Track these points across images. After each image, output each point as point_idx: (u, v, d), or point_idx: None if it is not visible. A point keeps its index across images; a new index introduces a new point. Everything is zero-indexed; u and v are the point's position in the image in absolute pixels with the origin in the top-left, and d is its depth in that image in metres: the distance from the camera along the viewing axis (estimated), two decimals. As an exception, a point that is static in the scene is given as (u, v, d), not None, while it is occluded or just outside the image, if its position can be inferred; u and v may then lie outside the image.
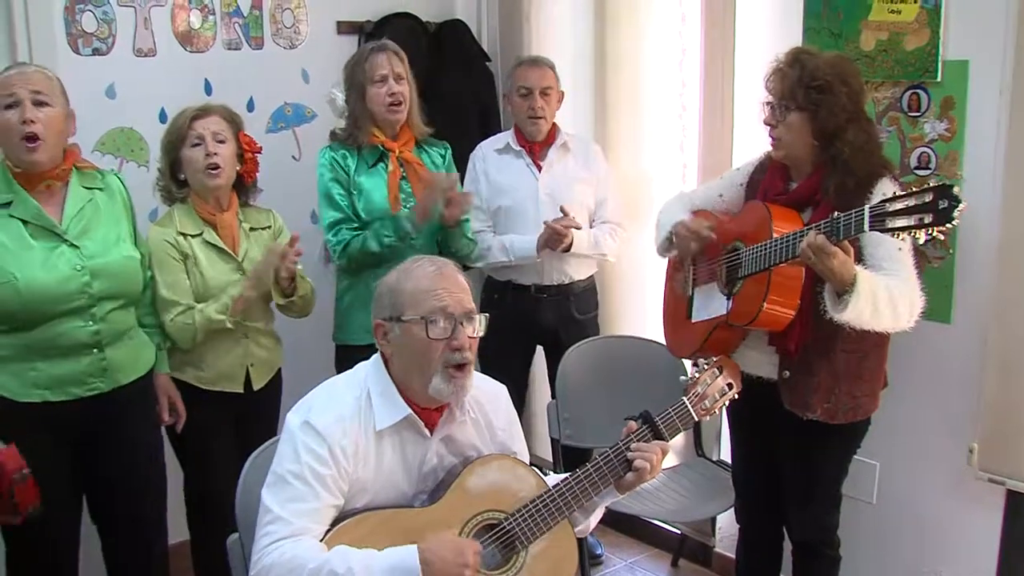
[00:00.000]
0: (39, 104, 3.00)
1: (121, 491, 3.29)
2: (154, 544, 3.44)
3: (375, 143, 3.76)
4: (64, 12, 3.83)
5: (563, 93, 4.14)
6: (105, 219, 3.18)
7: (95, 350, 3.11)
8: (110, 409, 3.17)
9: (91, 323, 3.08)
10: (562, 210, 3.93)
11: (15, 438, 2.98)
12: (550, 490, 2.48)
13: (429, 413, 2.47)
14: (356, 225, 3.73)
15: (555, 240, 3.93)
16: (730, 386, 2.76)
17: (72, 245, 3.06)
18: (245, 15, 4.24)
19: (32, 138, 2.97)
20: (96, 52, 3.91)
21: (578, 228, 3.94)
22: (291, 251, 3.37)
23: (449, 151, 3.95)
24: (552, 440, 3.88)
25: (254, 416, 3.54)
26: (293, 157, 4.28)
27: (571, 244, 3.95)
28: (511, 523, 2.43)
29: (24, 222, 3.03)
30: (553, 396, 3.92)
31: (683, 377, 2.80)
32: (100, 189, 3.22)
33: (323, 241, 3.83)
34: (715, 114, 3.85)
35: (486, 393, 2.60)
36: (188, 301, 3.34)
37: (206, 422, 3.46)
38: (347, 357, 3.78)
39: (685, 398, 2.68)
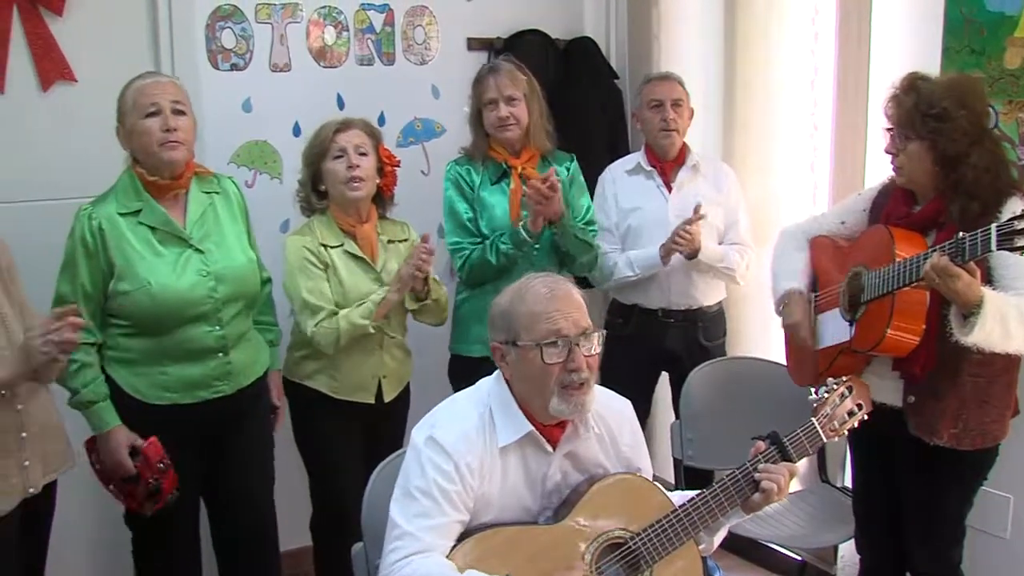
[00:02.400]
0: (177, 113, 3.10)
1: (237, 491, 3.38)
2: (268, 544, 3.51)
3: (497, 159, 3.78)
4: (205, 29, 3.97)
5: (692, 110, 4.10)
6: (224, 223, 3.27)
7: (220, 354, 3.19)
8: (231, 411, 3.26)
9: (217, 328, 3.17)
10: (695, 209, 3.85)
11: (143, 436, 3.10)
12: (676, 509, 2.46)
13: (551, 429, 2.46)
14: (478, 240, 3.75)
15: (680, 242, 3.86)
16: (859, 407, 2.71)
17: (197, 250, 3.15)
18: (378, 31, 4.32)
19: (173, 143, 3.07)
20: (234, 67, 4.03)
21: (702, 218, 3.85)
22: (423, 248, 3.37)
23: (575, 162, 3.93)
24: (675, 460, 3.84)
25: (383, 428, 3.58)
26: (422, 172, 4.34)
27: (698, 250, 3.89)
28: (637, 542, 2.41)
29: (152, 229, 3.12)
30: (676, 418, 3.89)
31: (812, 396, 2.75)
32: (217, 193, 3.31)
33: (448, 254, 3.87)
34: (848, 134, 3.77)
35: (611, 408, 2.58)
36: (331, 307, 3.39)
37: (336, 431, 3.51)
38: (461, 367, 3.83)
39: (814, 419, 2.63)
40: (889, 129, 2.94)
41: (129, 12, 3.83)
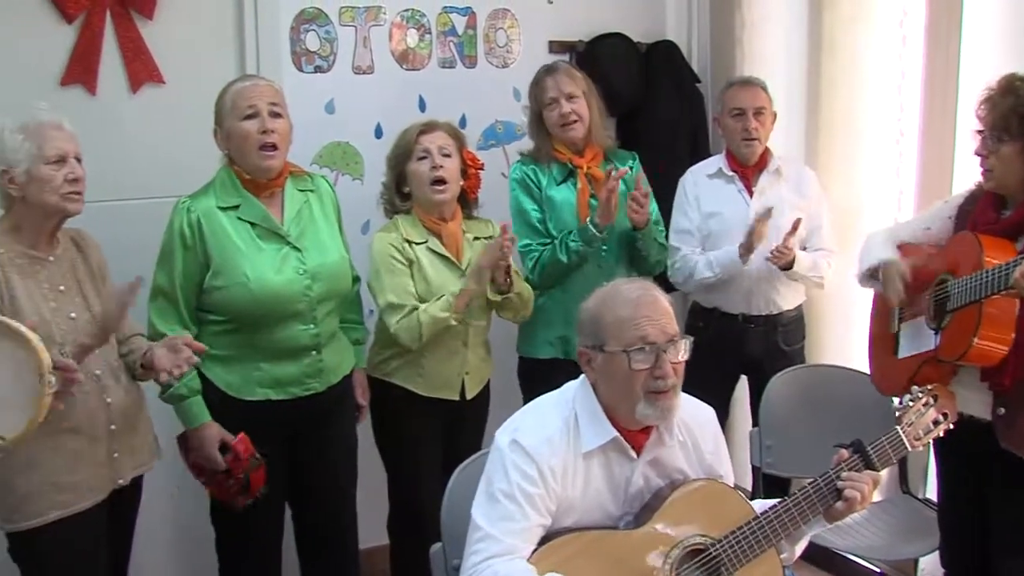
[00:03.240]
0: (274, 115, 3.15)
1: (321, 488, 3.41)
2: (349, 542, 3.54)
3: (562, 159, 3.78)
4: (290, 32, 4.02)
5: (776, 114, 4.06)
6: (319, 221, 3.31)
7: (314, 352, 3.23)
8: (320, 408, 3.29)
9: (312, 326, 3.20)
10: (794, 224, 3.80)
11: (234, 432, 3.15)
12: (758, 516, 2.44)
13: (636, 435, 2.46)
14: (547, 241, 3.75)
15: (777, 257, 3.81)
16: (944, 416, 2.66)
17: (295, 248, 3.19)
18: (460, 34, 4.34)
19: (271, 147, 3.11)
20: (318, 69, 4.08)
21: (768, 218, 3.80)
22: (504, 239, 3.36)
23: (637, 160, 3.93)
24: (753, 468, 3.81)
25: (464, 425, 3.59)
26: (502, 174, 4.33)
27: (793, 260, 3.84)
28: (718, 549, 2.39)
29: (252, 224, 3.16)
30: (755, 424, 3.85)
31: (895, 405, 2.71)
32: (312, 191, 3.34)
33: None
34: (935, 140, 3.71)
35: (694, 416, 2.57)
36: (413, 303, 3.40)
37: (420, 429, 3.53)
38: (529, 369, 3.84)
39: (898, 427, 2.60)
40: (980, 131, 2.89)
41: (216, 15, 3.89)
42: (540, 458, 2.35)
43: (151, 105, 3.77)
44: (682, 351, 2.41)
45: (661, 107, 4.62)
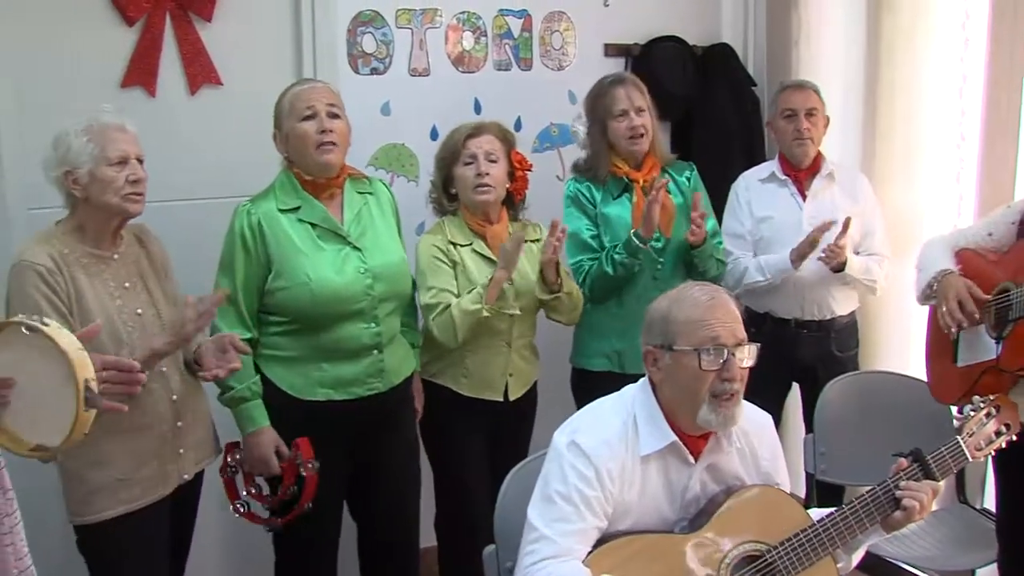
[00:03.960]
0: (332, 116, 3.17)
1: (384, 490, 3.41)
2: (411, 543, 3.54)
3: (619, 174, 3.76)
4: (347, 34, 4.04)
5: (828, 118, 4.03)
6: (378, 222, 3.32)
7: (375, 351, 3.24)
8: (382, 409, 3.30)
9: (373, 325, 3.21)
10: (845, 223, 3.78)
11: (297, 434, 3.16)
12: (815, 524, 2.42)
13: (694, 440, 2.45)
14: (598, 257, 3.73)
15: (828, 257, 3.80)
16: (1007, 426, 2.63)
17: (355, 248, 3.20)
18: (515, 37, 4.35)
19: (330, 144, 3.14)
20: (374, 71, 4.10)
21: (827, 229, 3.78)
22: (552, 238, 3.35)
23: (695, 171, 3.90)
24: (807, 475, 3.77)
25: (508, 427, 3.58)
26: (557, 177, 4.35)
27: (844, 263, 3.82)
28: (774, 555, 2.37)
29: (313, 225, 3.19)
30: (808, 431, 3.82)
31: (955, 415, 2.68)
32: (370, 194, 3.36)
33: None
34: (998, 145, 3.66)
35: (752, 422, 2.55)
36: (448, 300, 3.40)
37: (465, 430, 3.53)
38: (583, 380, 3.82)
39: (959, 437, 2.56)
40: None
41: (274, 17, 3.92)
42: (598, 460, 2.35)
43: (209, 106, 3.81)
44: (749, 356, 2.40)
45: (716, 111, 4.61)
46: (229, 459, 3.25)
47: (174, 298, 3.01)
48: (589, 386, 3.68)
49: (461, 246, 3.47)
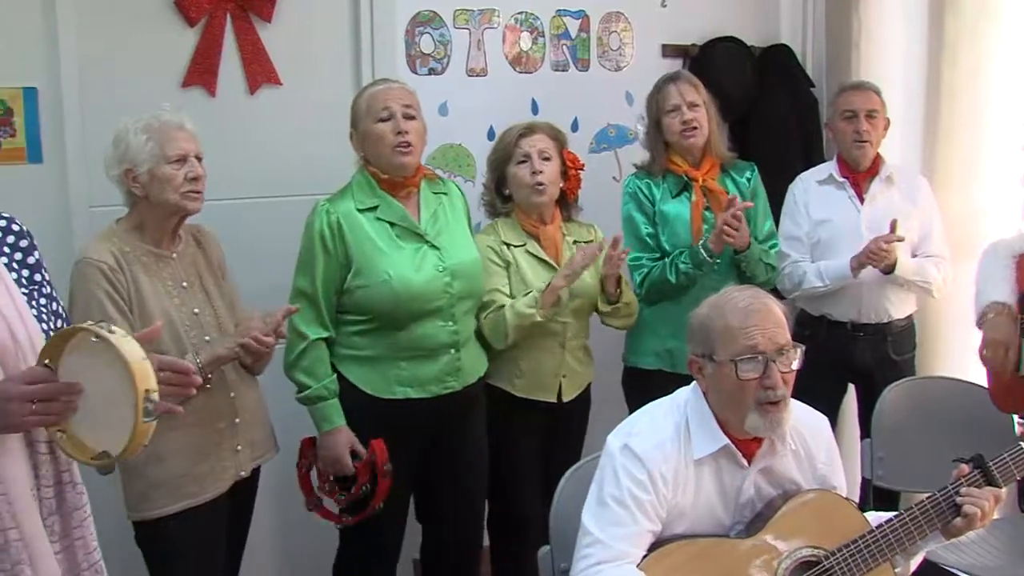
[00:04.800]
0: (408, 117, 3.20)
1: (452, 489, 3.42)
2: (475, 542, 3.54)
3: (677, 172, 3.74)
4: (405, 34, 4.06)
5: (889, 120, 3.99)
6: (452, 222, 3.34)
7: (452, 350, 3.25)
8: (456, 408, 3.31)
9: (451, 323, 3.23)
10: (892, 225, 3.75)
11: (372, 432, 3.18)
12: (874, 530, 2.40)
13: (747, 443, 2.43)
14: (657, 255, 3.72)
15: (875, 257, 3.76)
16: (1073, 435, 2.59)
17: (433, 246, 3.23)
18: (573, 37, 4.34)
19: (405, 145, 3.16)
20: (432, 72, 4.11)
21: (900, 240, 3.75)
22: (616, 253, 3.37)
23: (755, 172, 3.87)
24: (863, 480, 3.73)
25: (561, 428, 3.58)
26: (614, 178, 4.33)
27: (894, 264, 3.78)
28: (832, 561, 2.35)
29: (391, 224, 3.21)
30: (864, 435, 3.78)
31: (1019, 420, 2.64)
32: (444, 194, 3.38)
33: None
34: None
35: (807, 425, 2.53)
36: (502, 300, 3.41)
37: (518, 431, 3.53)
38: (634, 379, 3.81)
39: (1023, 443, 2.52)
40: None
41: (332, 18, 3.95)
42: (652, 464, 2.34)
43: (268, 106, 3.84)
44: (793, 361, 2.37)
45: (774, 112, 4.57)
46: (306, 456, 3.28)
47: (230, 299, 3.05)
48: (641, 384, 3.68)
49: (515, 247, 3.48)
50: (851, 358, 3.98)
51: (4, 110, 3.44)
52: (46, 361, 1.98)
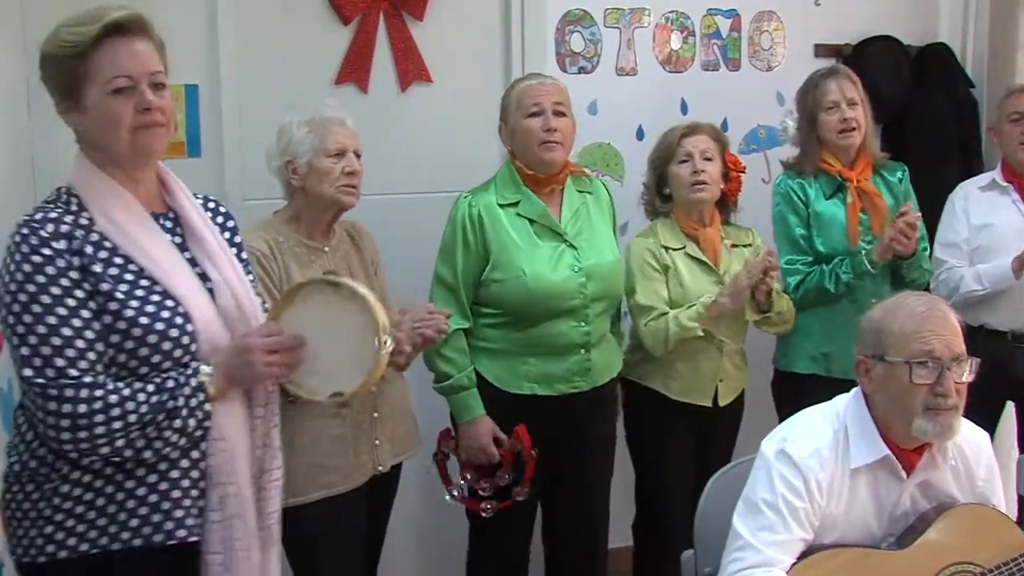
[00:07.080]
0: (558, 114, 3.21)
1: (576, 488, 3.41)
2: (598, 544, 3.53)
3: (831, 172, 3.65)
4: (555, 33, 4.06)
5: (1056, 125, 3.84)
6: (595, 222, 3.34)
7: (583, 350, 3.26)
8: (583, 408, 3.31)
9: (583, 324, 3.23)
10: None
11: (500, 424, 3.22)
12: (1035, 548, 2.31)
13: (908, 455, 2.36)
14: (810, 258, 3.64)
15: None
16: None
17: (571, 246, 3.23)
18: (724, 37, 4.29)
19: (553, 143, 3.17)
20: (582, 70, 4.11)
21: None
22: (773, 266, 3.33)
23: (906, 173, 3.77)
24: (1020, 497, 3.60)
25: (715, 432, 3.54)
26: (763, 180, 4.26)
27: None
28: (991, 578, 2.28)
29: (530, 221, 3.23)
30: (1022, 452, 3.64)
31: None
32: (589, 193, 3.38)
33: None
34: None
35: (968, 440, 2.45)
36: (663, 308, 3.38)
37: (670, 434, 3.50)
38: (785, 382, 3.73)
39: None
40: None
41: (483, 16, 3.98)
42: (808, 471, 2.29)
43: (419, 103, 3.89)
44: (967, 371, 2.30)
45: (931, 113, 4.44)
46: (443, 446, 3.31)
47: (382, 294, 3.08)
48: (793, 389, 3.61)
49: (673, 250, 3.46)
50: (1010, 371, 3.82)
51: (168, 106, 3.55)
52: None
